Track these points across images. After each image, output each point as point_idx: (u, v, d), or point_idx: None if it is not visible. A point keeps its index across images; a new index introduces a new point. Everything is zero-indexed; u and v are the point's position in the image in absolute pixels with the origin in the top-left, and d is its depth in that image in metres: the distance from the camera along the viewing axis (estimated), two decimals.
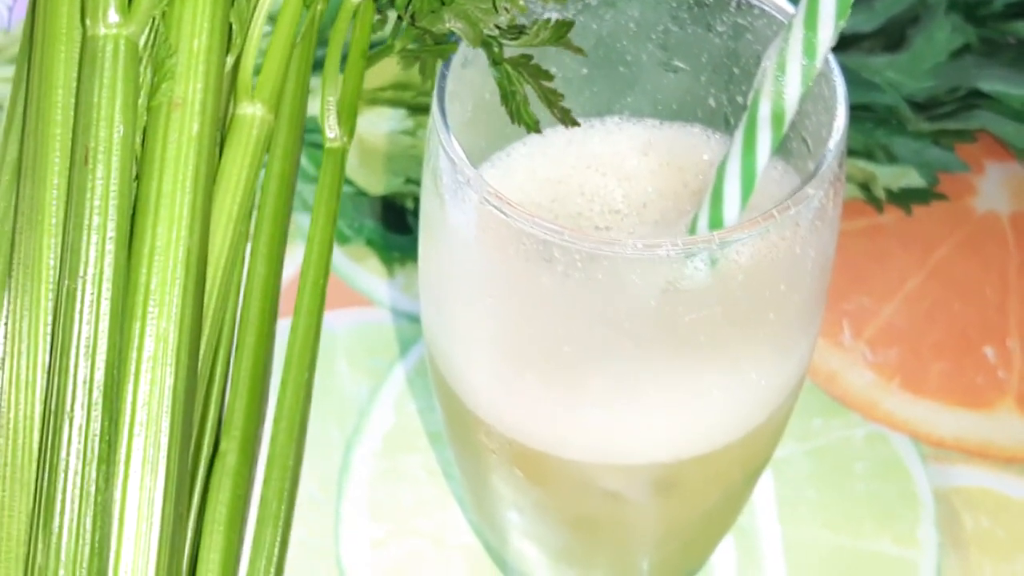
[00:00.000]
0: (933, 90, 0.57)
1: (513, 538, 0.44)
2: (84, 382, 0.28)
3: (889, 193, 0.57)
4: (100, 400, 0.28)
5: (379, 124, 0.56)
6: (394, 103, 0.50)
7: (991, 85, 0.57)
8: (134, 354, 0.28)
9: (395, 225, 0.55)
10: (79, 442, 0.28)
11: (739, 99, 0.38)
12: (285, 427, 0.32)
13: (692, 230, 0.34)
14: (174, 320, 0.28)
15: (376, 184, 0.56)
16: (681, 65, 0.39)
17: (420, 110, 0.56)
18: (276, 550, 0.31)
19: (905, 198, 0.57)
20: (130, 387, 0.28)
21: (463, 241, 0.35)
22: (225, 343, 0.32)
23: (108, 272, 0.28)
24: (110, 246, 0.28)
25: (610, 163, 0.40)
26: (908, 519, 0.48)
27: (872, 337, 0.53)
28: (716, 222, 0.34)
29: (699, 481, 0.40)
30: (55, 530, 0.27)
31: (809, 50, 0.33)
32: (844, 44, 0.58)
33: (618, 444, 0.37)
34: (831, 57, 0.34)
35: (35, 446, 0.28)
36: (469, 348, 0.37)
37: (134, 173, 0.30)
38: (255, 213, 0.33)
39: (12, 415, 0.28)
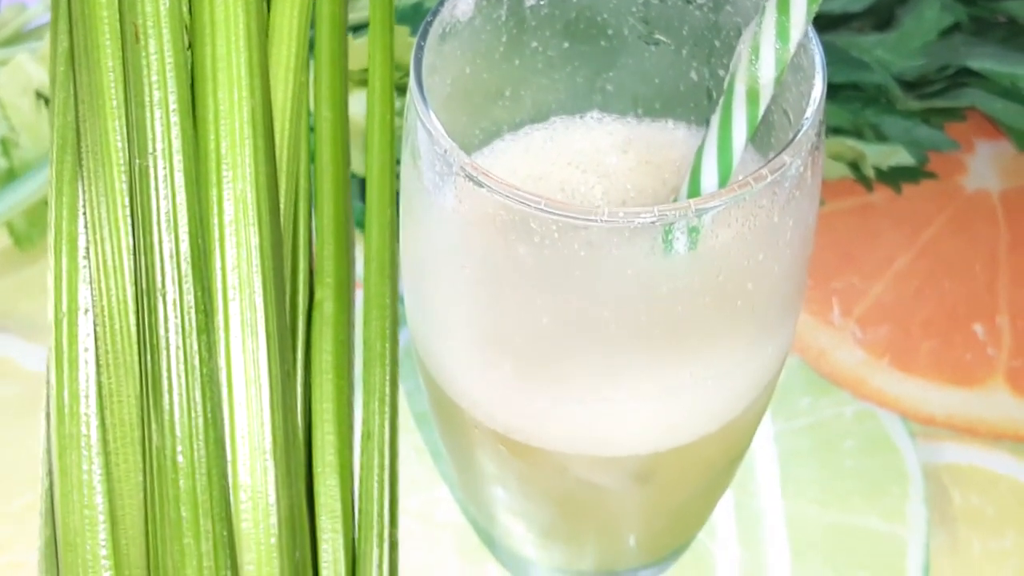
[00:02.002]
0: (923, 69, 0.57)
1: (500, 516, 0.44)
2: (171, 257, 0.27)
3: (879, 172, 0.56)
4: (189, 272, 0.27)
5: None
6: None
7: (981, 63, 0.57)
8: (215, 220, 0.28)
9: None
10: (176, 317, 0.27)
11: (721, 73, 0.38)
12: (376, 267, 0.31)
13: None
14: (249, 180, 0.28)
15: (363, 166, 0.55)
16: (663, 39, 0.39)
17: (406, 91, 0.56)
18: (387, 389, 0.30)
19: (895, 177, 0.57)
20: (217, 254, 0.28)
21: (441, 217, 0.35)
22: (303, 195, 0.31)
23: (177, 144, 0.28)
24: (175, 118, 0.28)
25: (590, 160, 0.40)
26: (897, 496, 0.48)
27: (862, 315, 0.53)
28: (694, 196, 0.34)
29: (679, 470, 0.40)
30: (166, 407, 0.27)
31: (782, 34, 0.33)
32: (833, 23, 0.58)
33: (595, 435, 0.37)
34: (810, 28, 0.34)
35: (133, 329, 0.28)
36: (448, 331, 0.37)
37: (186, 42, 0.29)
38: (312, 61, 0.33)
39: (105, 302, 0.28)
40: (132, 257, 0.28)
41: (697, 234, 0.32)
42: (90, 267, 0.28)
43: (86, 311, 0.29)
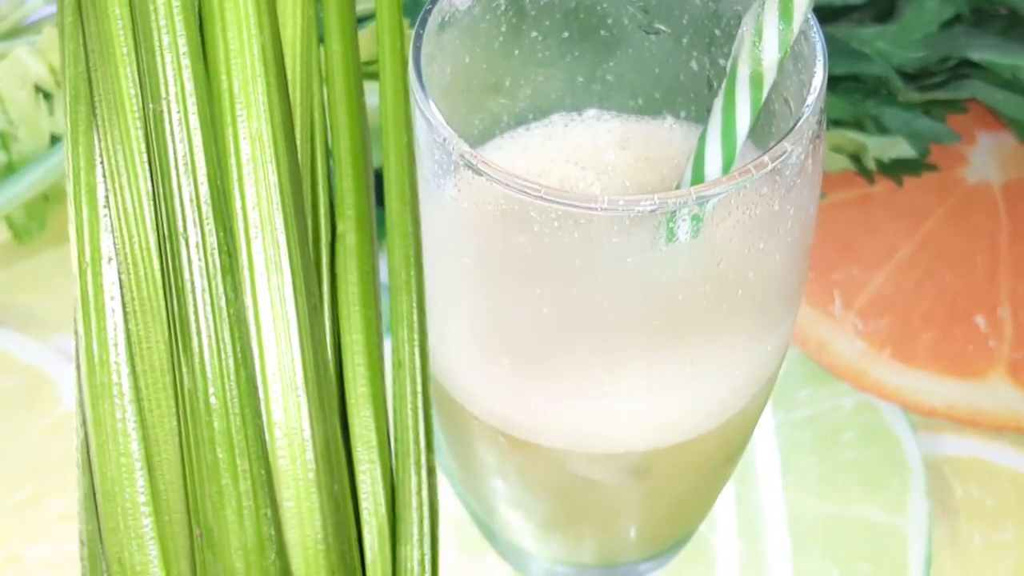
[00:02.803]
0: (923, 60, 0.57)
1: (500, 509, 0.44)
2: (191, 199, 0.27)
3: (880, 164, 0.56)
4: (210, 213, 0.27)
5: (368, 98, 0.56)
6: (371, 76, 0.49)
7: (982, 55, 0.57)
8: (233, 160, 0.28)
9: (381, 199, 0.54)
10: (199, 260, 0.27)
11: (721, 62, 0.38)
12: (396, 194, 0.31)
13: None
14: (264, 118, 0.28)
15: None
16: (663, 28, 0.38)
17: None
18: (415, 316, 0.30)
19: (896, 169, 0.56)
20: (236, 193, 0.28)
21: (440, 207, 0.35)
22: (319, 128, 0.31)
23: (189, 87, 0.28)
24: (185, 61, 0.28)
25: (589, 157, 0.40)
26: (898, 488, 0.48)
27: (863, 307, 0.53)
28: (697, 181, 0.33)
29: (679, 466, 0.40)
30: (195, 350, 0.27)
31: (786, 15, 0.33)
32: (834, 15, 0.58)
33: (595, 432, 0.37)
34: (811, 16, 0.34)
35: (157, 274, 0.28)
36: (447, 324, 0.37)
37: None
38: None
39: (128, 249, 0.28)
40: (152, 203, 0.28)
41: (699, 222, 0.32)
42: (110, 215, 0.28)
43: (109, 260, 0.29)
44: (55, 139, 0.57)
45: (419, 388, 0.30)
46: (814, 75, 0.33)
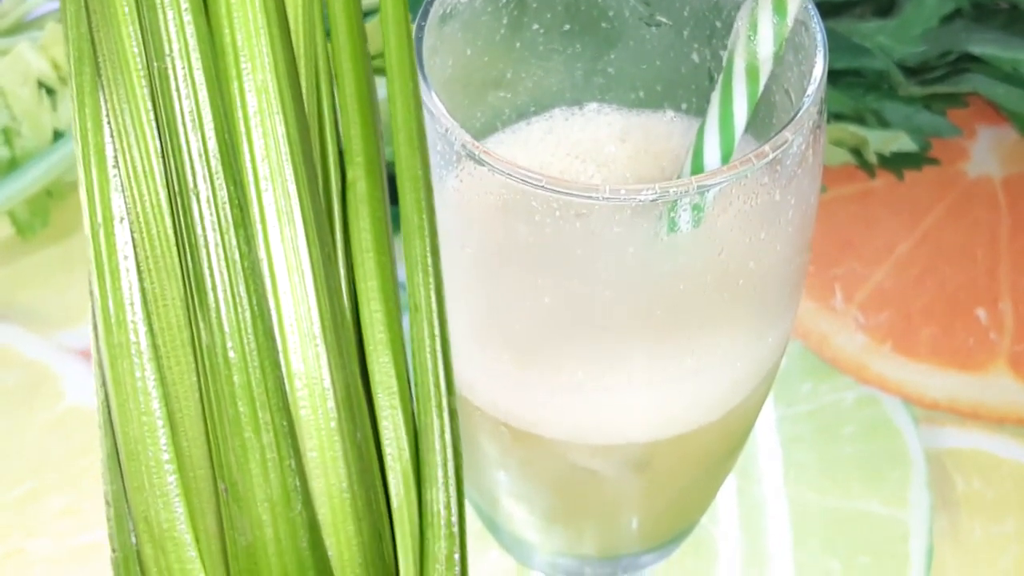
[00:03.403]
0: (924, 55, 0.57)
1: (503, 500, 0.44)
2: (200, 155, 0.27)
3: (881, 158, 0.56)
4: (220, 168, 0.27)
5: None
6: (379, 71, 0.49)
7: (982, 49, 0.57)
8: (240, 114, 0.28)
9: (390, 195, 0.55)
10: (211, 214, 0.27)
11: (722, 54, 0.38)
12: (405, 138, 0.31)
13: None
14: (269, 70, 0.28)
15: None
16: (664, 20, 0.39)
17: None
18: (429, 260, 0.30)
19: (897, 163, 0.57)
20: (245, 147, 0.28)
21: (442, 197, 0.35)
22: (324, 77, 0.31)
23: (193, 43, 0.28)
24: (188, 17, 0.28)
25: (589, 150, 0.40)
26: (900, 480, 0.48)
27: (864, 301, 0.53)
28: (697, 173, 0.34)
29: (680, 458, 0.40)
30: (212, 305, 0.27)
31: (780, 8, 0.33)
32: (835, 9, 0.58)
33: (596, 424, 0.37)
34: (811, 6, 0.34)
35: (170, 231, 0.28)
36: (449, 315, 0.37)
37: None
38: None
39: (139, 208, 0.28)
40: (161, 160, 0.28)
41: (700, 212, 0.32)
42: (120, 175, 0.28)
43: (121, 219, 0.29)
44: (58, 135, 0.58)
45: (437, 332, 0.30)
46: (814, 65, 0.33)
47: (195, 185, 0.27)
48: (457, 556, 0.30)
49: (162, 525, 0.28)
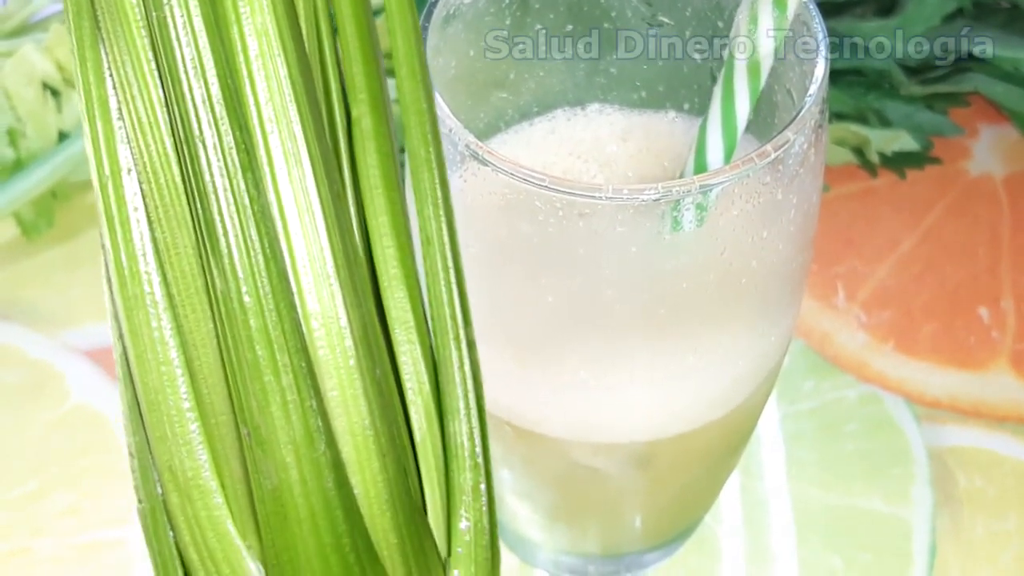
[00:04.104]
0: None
1: (506, 498, 0.44)
2: (204, 102, 0.27)
3: (883, 157, 0.57)
4: (224, 114, 0.27)
5: None
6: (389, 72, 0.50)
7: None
8: (241, 58, 0.28)
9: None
10: (218, 160, 0.27)
11: (724, 54, 0.38)
12: (406, 72, 0.31)
13: None
14: (268, 11, 0.28)
15: None
16: (666, 20, 0.39)
17: None
18: (439, 192, 0.30)
19: (898, 162, 0.57)
20: (248, 90, 0.28)
21: None
22: (323, 15, 0.31)
23: None
24: None
25: (591, 150, 0.40)
26: (902, 478, 0.48)
27: (866, 299, 0.53)
28: (700, 171, 0.34)
29: (683, 457, 0.40)
30: (224, 251, 0.27)
31: (780, 2, 0.33)
32: (836, 8, 0.58)
33: (598, 422, 0.37)
34: (812, 5, 0.34)
35: (178, 180, 0.28)
36: None
37: None
38: None
39: (147, 158, 0.28)
40: (166, 109, 0.28)
41: (703, 211, 0.32)
42: (125, 127, 0.28)
43: (129, 171, 0.29)
44: (63, 136, 0.58)
45: (450, 264, 0.30)
46: (816, 65, 0.34)
47: (201, 132, 0.27)
48: (483, 486, 0.29)
49: (187, 473, 0.28)
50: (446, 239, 0.30)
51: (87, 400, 0.52)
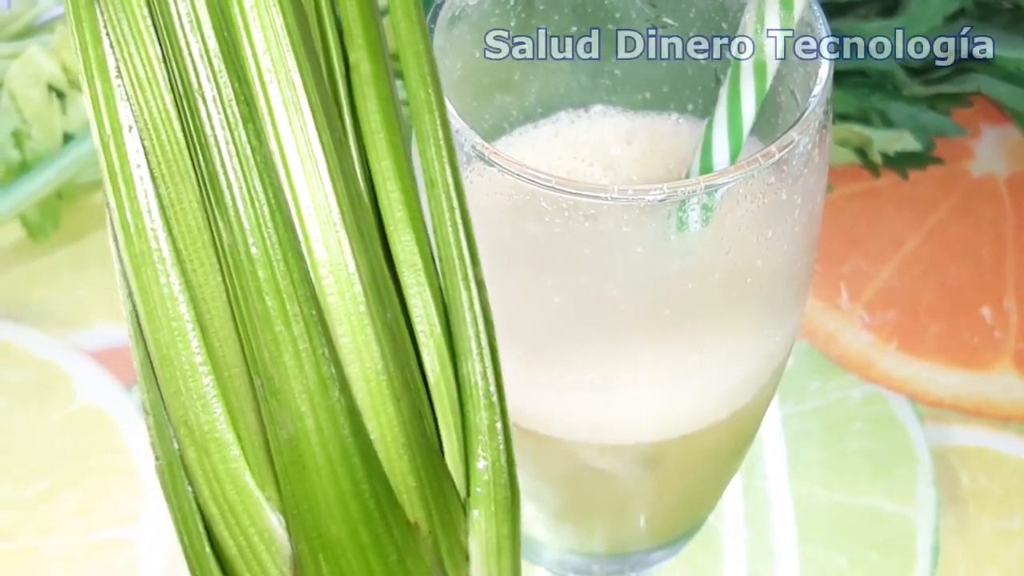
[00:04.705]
0: (928, 55, 0.57)
1: None
2: (201, 56, 0.27)
3: (885, 157, 0.57)
4: (222, 66, 0.27)
5: None
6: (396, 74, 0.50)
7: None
8: (236, 9, 0.28)
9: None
10: (219, 113, 0.27)
11: (728, 55, 0.39)
12: (402, 14, 0.31)
13: None
14: None
15: None
16: (670, 21, 0.39)
17: None
18: (440, 133, 0.30)
19: (901, 162, 0.57)
20: (245, 42, 0.28)
21: None
22: None
23: None
24: None
25: (595, 152, 0.40)
26: (906, 477, 0.48)
27: (870, 299, 0.53)
28: (706, 171, 0.34)
29: (688, 457, 0.40)
30: (228, 204, 0.27)
31: (786, 2, 0.33)
32: (839, 9, 0.58)
33: (604, 423, 0.37)
34: (816, 6, 0.34)
35: (180, 135, 0.28)
36: None
37: None
38: None
39: (147, 115, 0.28)
40: (163, 65, 0.28)
41: (708, 212, 0.32)
42: (124, 84, 0.28)
43: (130, 128, 0.29)
44: (68, 137, 0.58)
45: (455, 204, 0.30)
46: (820, 66, 0.34)
47: (200, 86, 0.27)
48: (499, 425, 0.29)
49: (202, 427, 0.28)
50: (450, 180, 0.30)
51: (95, 400, 0.52)
